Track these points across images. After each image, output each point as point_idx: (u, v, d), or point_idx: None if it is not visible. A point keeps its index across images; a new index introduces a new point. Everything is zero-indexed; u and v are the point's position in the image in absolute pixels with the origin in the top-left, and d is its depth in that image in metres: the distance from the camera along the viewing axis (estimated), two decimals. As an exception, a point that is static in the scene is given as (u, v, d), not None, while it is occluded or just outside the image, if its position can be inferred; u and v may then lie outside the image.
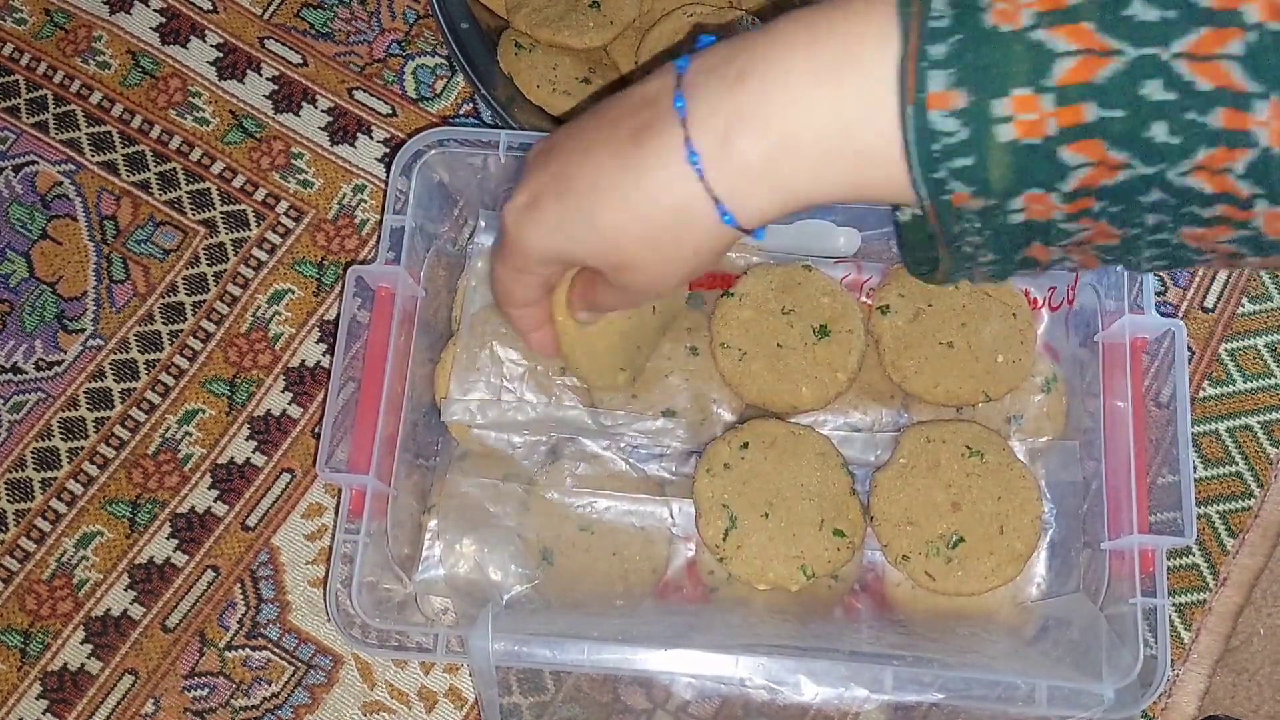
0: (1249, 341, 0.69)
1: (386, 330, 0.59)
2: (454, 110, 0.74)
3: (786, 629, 0.58)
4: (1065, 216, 0.36)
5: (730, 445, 0.62)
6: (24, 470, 0.68)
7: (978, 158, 0.34)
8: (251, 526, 0.67)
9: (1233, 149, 0.33)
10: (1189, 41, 0.33)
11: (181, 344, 0.70)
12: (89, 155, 0.73)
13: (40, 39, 0.75)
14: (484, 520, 0.63)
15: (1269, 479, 0.67)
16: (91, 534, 0.67)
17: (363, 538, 0.56)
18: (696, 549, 0.63)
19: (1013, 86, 0.33)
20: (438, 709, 0.64)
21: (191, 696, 0.64)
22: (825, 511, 0.60)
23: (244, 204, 0.72)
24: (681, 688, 0.56)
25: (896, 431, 0.64)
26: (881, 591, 0.62)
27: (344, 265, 0.71)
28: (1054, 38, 0.33)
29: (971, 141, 0.34)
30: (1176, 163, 0.34)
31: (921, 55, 0.34)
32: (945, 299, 0.64)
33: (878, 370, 0.64)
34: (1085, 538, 0.61)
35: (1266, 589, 0.66)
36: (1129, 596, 0.55)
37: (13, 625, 0.66)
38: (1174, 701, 0.64)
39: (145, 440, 0.68)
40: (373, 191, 0.72)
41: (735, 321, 0.63)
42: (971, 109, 0.34)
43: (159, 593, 0.66)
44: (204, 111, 0.74)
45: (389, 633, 0.56)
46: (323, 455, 0.58)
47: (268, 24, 0.76)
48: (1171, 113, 0.33)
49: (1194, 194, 0.34)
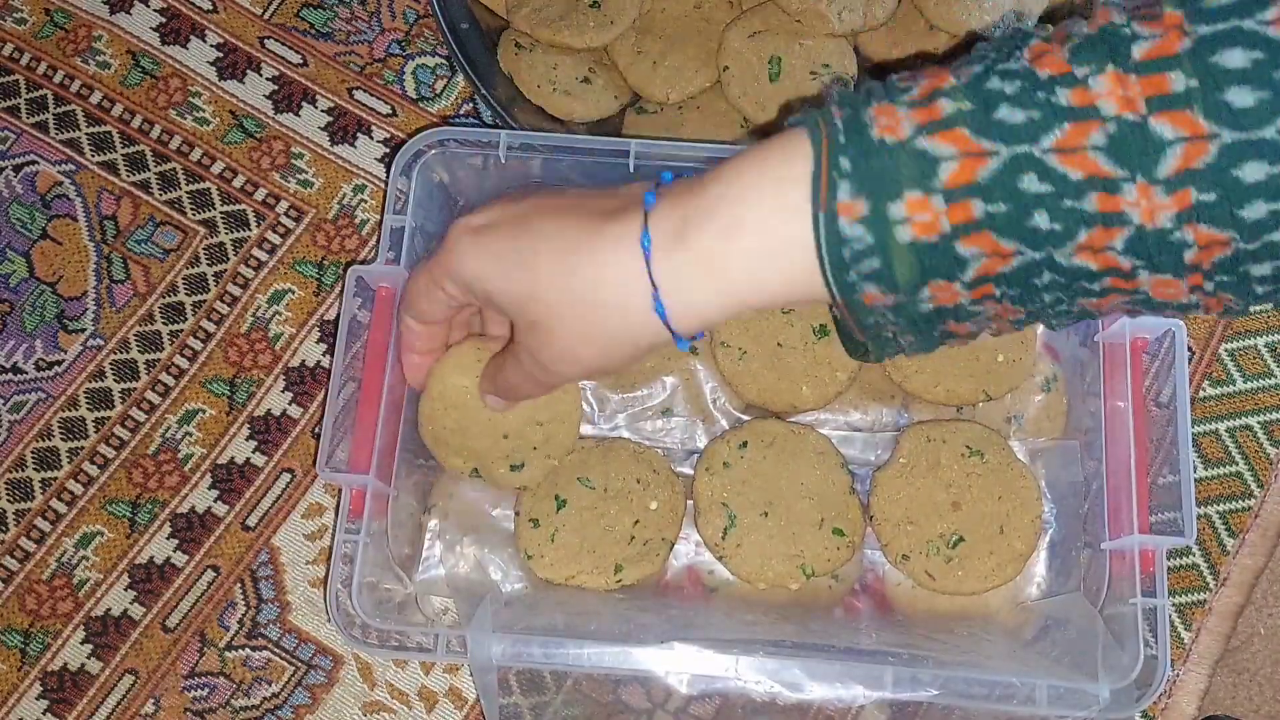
0: (1249, 341, 0.69)
1: (387, 330, 0.59)
2: (454, 110, 0.74)
3: (786, 628, 0.58)
4: (970, 301, 0.39)
5: (730, 444, 0.62)
6: (24, 470, 0.68)
7: (883, 259, 0.38)
8: (252, 526, 0.67)
9: (1109, 228, 0.37)
10: (1055, 138, 0.36)
11: (181, 344, 0.70)
12: (89, 155, 0.73)
13: (40, 39, 0.75)
14: (484, 520, 0.63)
15: (1269, 479, 0.67)
16: (91, 534, 0.67)
17: (363, 538, 0.56)
18: (696, 549, 0.63)
19: (906, 189, 0.37)
20: (438, 709, 0.64)
21: (191, 696, 0.64)
22: (825, 511, 0.60)
23: (244, 204, 0.72)
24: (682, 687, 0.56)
25: (896, 431, 0.64)
26: (881, 591, 0.62)
27: (344, 265, 0.71)
28: (935, 144, 0.37)
29: (876, 245, 0.38)
30: (1061, 245, 0.37)
31: (832, 164, 0.38)
32: (945, 299, 0.64)
33: (878, 369, 0.64)
34: (1085, 538, 0.61)
35: (1267, 589, 0.66)
36: (1129, 596, 0.55)
37: (13, 625, 0.66)
38: (1174, 701, 0.64)
39: (145, 440, 0.68)
40: (373, 191, 0.72)
41: (735, 321, 0.63)
42: (873, 215, 0.38)
43: (159, 593, 0.66)
44: (204, 111, 0.74)
45: (389, 633, 0.56)
46: (323, 455, 0.58)
47: (268, 24, 0.76)
48: (1050, 202, 0.37)
49: (1082, 272, 0.38)
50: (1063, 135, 0.36)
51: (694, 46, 0.70)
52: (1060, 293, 0.39)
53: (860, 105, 0.39)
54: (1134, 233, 0.36)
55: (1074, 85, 0.36)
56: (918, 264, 0.38)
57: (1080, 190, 0.36)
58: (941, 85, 0.38)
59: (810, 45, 0.69)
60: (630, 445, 0.62)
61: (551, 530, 0.60)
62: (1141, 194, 0.36)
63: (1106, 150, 0.36)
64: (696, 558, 0.63)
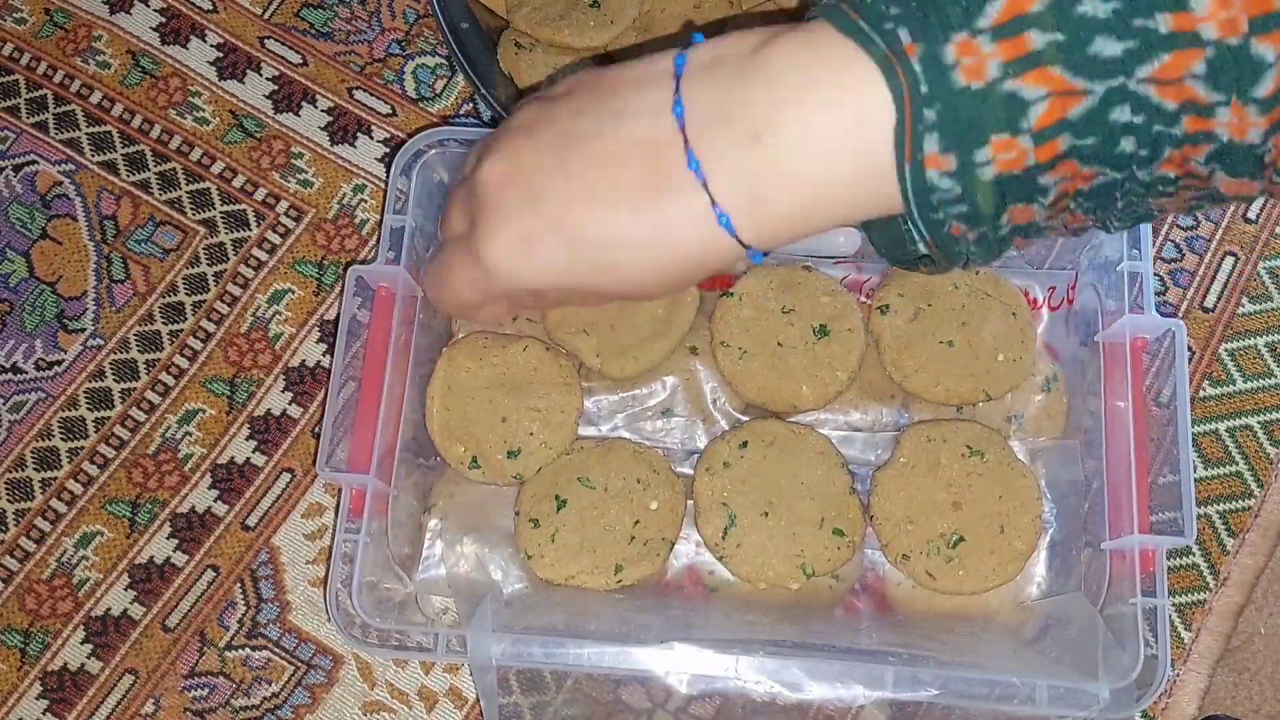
0: (1249, 341, 0.69)
1: (386, 330, 0.59)
2: (454, 110, 0.74)
3: (787, 628, 0.58)
4: (1045, 219, 0.39)
5: (730, 444, 0.62)
6: (24, 470, 0.68)
7: (969, 201, 0.37)
8: (251, 526, 0.67)
9: (1196, 146, 0.36)
10: (1153, 69, 0.35)
11: (181, 344, 0.70)
12: (89, 155, 0.73)
13: (40, 38, 0.75)
14: (484, 520, 0.63)
15: (1269, 479, 0.67)
16: (91, 534, 0.67)
17: (363, 537, 0.56)
18: (697, 549, 0.63)
19: (992, 133, 0.36)
20: (438, 709, 0.64)
21: (191, 696, 0.64)
22: (825, 511, 0.60)
23: (244, 204, 0.72)
24: (682, 687, 0.56)
25: (897, 431, 0.64)
26: (882, 591, 0.62)
27: (344, 265, 0.71)
28: (1024, 86, 0.35)
29: (964, 192, 0.37)
30: (1145, 167, 0.37)
31: (916, 117, 0.36)
32: (945, 298, 0.64)
33: (878, 369, 0.64)
34: (1086, 537, 0.61)
35: (1267, 589, 0.66)
36: (1129, 596, 0.55)
37: (12, 625, 0.66)
38: (1174, 701, 0.64)
39: (145, 440, 0.68)
40: (373, 191, 0.72)
41: (735, 321, 0.63)
42: (960, 168, 0.36)
43: (159, 592, 0.66)
44: (204, 111, 0.74)
45: (389, 632, 0.56)
46: (323, 455, 0.58)
47: (268, 24, 0.76)
48: (1139, 130, 0.36)
49: (1160, 180, 0.37)
50: (1161, 66, 0.34)
51: (694, 46, 0.70)
52: (1133, 199, 0.38)
53: (936, 38, 0.35)
54: (1219, 147, 0.36)
55: (1174, 8, 0.34)
56: (999, 194, 0.37)
57: (1173, 118, 0.35)
58: (1026, 7, 0.35)
59: (810, 45, 0.69)
60: (630, 445, 0.62)
61: (552, 530, 0.60)
62: (1235, 113, 0.35)
63: (1205, 78, 0.34)
64: (697, 558, 0.63)
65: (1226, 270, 0.71)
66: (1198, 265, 0.71)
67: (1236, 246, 0.71)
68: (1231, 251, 0.71)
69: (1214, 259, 0.71)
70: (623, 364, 0.62)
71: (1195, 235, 0.71)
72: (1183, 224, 0.71)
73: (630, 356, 0.62)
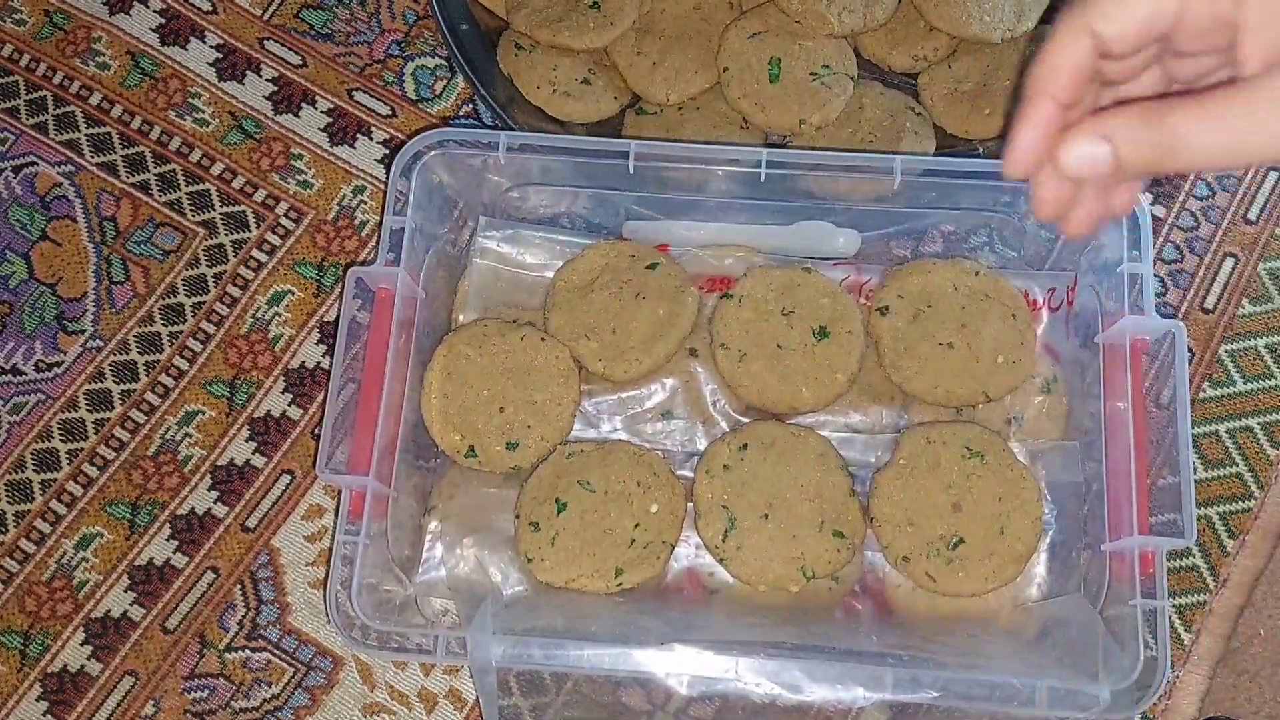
0: (1249, 343, 0.69)
1: (386, 331, 0.59)
2: (454, 111, 0.74)
3: (787, 630, 0.58)
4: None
5: (730, 446, 0.62)
6: (24, 471, 0.68)
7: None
8: (251, 528, 0.67)
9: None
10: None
11: (181, 345, 0.70)
12: (88, 156, 0.73)
13: (40, 40, 0.75)
14: (484, 522, 0.63)
15: (1269, 480, 0.67)
16: (91, 535, 0.67)
17: (363, 539, 0.56)
18: (697, 551, 0.63)
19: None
20: (438, 710, 0.64)
21: (191, 698, 0.64)
22: (825, 513, 0.60)
23: (244, 205, 0.72)
24: (682, 688, 0.56)
25: (896, 432, 0.64)
26: (882, 593, 0.62)
27: (344, 266, 0.71)
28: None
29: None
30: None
31: None
32: (944, 300, 0.63)
33: (877, 371, 0.64)
34: (1085, 539, 0.61)
35: (1267, 590, 0.66)
36: (1129, 598, 0.55)
37: (12, 627, 0.66)
38: (1174, 703, 0.64)
39: (145, 441, 0.68)
40: (372, 192, 0.72)
41: (735, 323, 0.63)
42: None
43: (159, 594, 0.66)
44: (204, 112, 0.74)
45: (389, 634, 0.56)
46: (323, 456, 0.57)
47: (267, 25, 0.76)
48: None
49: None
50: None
51: (694, 48, 0.70)
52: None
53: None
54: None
55: None
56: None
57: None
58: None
59: (810, 46, 0.69)
60: (630, 448, 0.62)
61: (552, 533, 0.60)
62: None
63: None
64: (697, 560, 0.63)
65: (1227, 271, 0.71)
66: (1198, 266, 0.71)
67: (1237, 248, 0.71)
68: (1232, 253, 0.71)
69: (1214, 260, 0.71)
70: (624, 366, 0.62)
71: (1195, 236, 0.71)
72: (1183, 225, 0.71)
73: (631, 359, 0.62)
